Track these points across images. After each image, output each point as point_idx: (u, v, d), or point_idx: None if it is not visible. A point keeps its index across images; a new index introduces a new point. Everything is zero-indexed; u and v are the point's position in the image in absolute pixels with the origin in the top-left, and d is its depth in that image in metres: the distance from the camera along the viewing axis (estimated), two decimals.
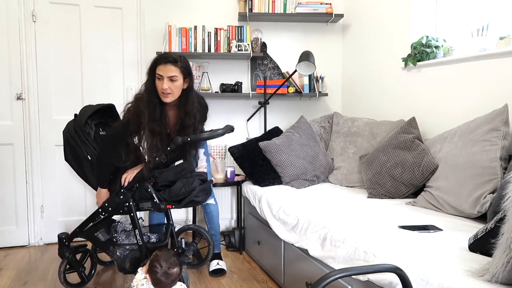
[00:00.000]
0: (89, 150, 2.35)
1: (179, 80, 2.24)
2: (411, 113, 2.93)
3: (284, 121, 3.89)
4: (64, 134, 2.42)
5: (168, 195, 2.29)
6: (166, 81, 2.21)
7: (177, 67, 2.22)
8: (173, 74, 2.21)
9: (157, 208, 2.27)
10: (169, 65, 2.21)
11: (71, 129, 2.39)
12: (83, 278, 2.58)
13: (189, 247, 2.54)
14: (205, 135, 2.28)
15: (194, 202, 2.30)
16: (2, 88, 3.32)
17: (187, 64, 2.30)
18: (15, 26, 3.31)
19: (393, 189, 2.55)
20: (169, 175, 2.35)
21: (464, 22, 2.68)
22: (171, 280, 1.93)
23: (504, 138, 2.04)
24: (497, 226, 1.36)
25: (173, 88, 2.23)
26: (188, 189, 2.28)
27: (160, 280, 1.91)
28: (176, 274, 1.94)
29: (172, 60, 2.22)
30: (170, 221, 2.59)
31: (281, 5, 3.65)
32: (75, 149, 2.37)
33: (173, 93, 2.25)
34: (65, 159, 2.44)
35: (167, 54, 2.28)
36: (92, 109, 2.44)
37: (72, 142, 2.37)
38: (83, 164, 2.38)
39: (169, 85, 2.21)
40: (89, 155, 2.34)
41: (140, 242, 2.30)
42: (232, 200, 3.78)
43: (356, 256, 1.75)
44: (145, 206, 2.32)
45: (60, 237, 2.50)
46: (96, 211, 2.39)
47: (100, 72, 3.54)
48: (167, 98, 2.25)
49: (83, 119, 2.37)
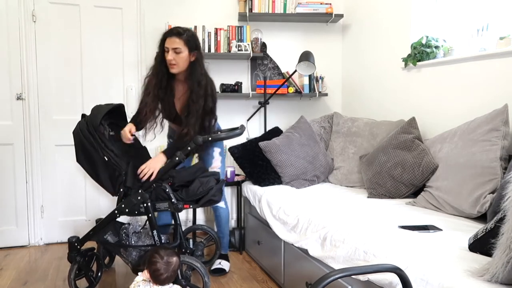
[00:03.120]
0: (106, 152, 2.26)
1: (184, 52, 2.38)
2: (411, 113, 2.93)
3: (284, 121, 3.88)
4: (77, 135, 2.30)
5: (186, 195, 2.29)
6: (171, 53, 2.36)
7: (181, 39, 2.36)
8: (177, 46, 2.35)
9: (174, 208, 2.27)
10: (174, 38, 2.36)
11: (85, 130, 2.26)
12: (92, 281, 2.52)
13: (197, 247, 2.55)
14: (223, 135, 2.32)
15: (212, 201, 2.33)
16: (2, 88, 3.32)
17: (194, 37, 2.42)
18: (15, 26, 3.31)
19: (393, 189, 2.55)
20: (186, 175, 2.36)
21: (464, 22, 2.68)
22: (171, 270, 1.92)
23: (504, 138, 2.04)
24: (497, 226, 1.36)
25: (178, 60, 2.37)
26: (206, 189, 2.30)
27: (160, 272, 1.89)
28: (175, 264, 1.94)
29: (176, 33, 2.37)
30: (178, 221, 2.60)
31: (281, 5, 3.65)
32: (90, 151, 2.27)
33: (178, 64, 2.39)
34: (77, 160, 2.33)
35: (174, 28, 2.42)
36: (106, 109, 2.35)
37: (87, 144, 2.26)
38: (98, 167, 2.29)
39: (174, 57, 2.36)
40: (106, 157, 2.25)
41: (158, 242, 2.30)
42: (232, 200, 3.78)
43: (356, 256, 1.75)
44: (162, 206, 2.30)
45: (71, 241, 2.39)
46: (112, 212, 2.33)
47: (100, 72, 3.54)
48: (173, 69, 2.40)
49: (98, 120, 2.27)
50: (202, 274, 2.23)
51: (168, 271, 1.92)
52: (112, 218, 2.36)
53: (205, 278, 2.23)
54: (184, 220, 3.74)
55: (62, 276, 2.82)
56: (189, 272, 2.29)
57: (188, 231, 2.90)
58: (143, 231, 2.50)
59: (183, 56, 2.38)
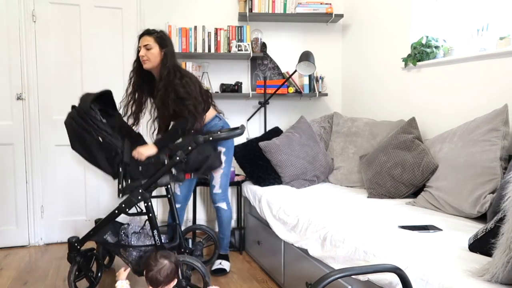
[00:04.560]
0: (99, 133, 2.27)
1: (154, 48, 2.54)
2: (411, 113, 2.93)
3: (284, 121, 3.88)
4: (68, 124, 2.31)
5: (186, 166, 2.33)
6: (142, 49, 2.55)
7: (151, 36, 2.55)
8: (147, 43, 2.53)
9: (176, 179, 2.34)
10: (145, 36, 2.56)
11: (76, 117, 2.28)
12: (92, 281, 2.52)
13: (196, 247, 2.55)
14: (224, 135, 2.36)
15: (212, 168, 2.40)
16: (2, 88, 3.32)
17: (164, 36, 2.61)
18: (15, 26, 3.31)
19: (393, 189, 2.55)
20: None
21: (464, 22, 2.68)
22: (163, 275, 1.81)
23: (504, 138, 2.04)
24: (497, 226, 1.36)
25: (149, 55, 2.53)
26: (204, 156, 2.35)
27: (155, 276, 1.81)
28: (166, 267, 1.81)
29: (146, 32, 2.58)
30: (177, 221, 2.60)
31: (281, 5, 3.65)
32: (83, 135, 2.28)
33: (149, 60, 2.55)
34: (72, 147, 2.34)
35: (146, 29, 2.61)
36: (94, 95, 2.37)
37: (79, 130, 2.28)
38: (94, 149, 2.30)
39: (145, 53, 2.53)
40: (100, 137, 2.27)
41: (158, 242, 2.29)
42: (232, 200, 3.78)
43: (356, 256, 1.75)
44: (164, 181, 2.32)
45: (71, 241, 2.39)
46: (112, 212, 2.34)
47: (100, 72, 3.54)
48: (145, 64, 2.57)
49: (87, 104, 2.29)
50: (203, 274, 2.23)
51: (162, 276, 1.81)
52: (112, 218, 2.36)
53: (206, 278, 2.23)
54: (184, 220, 3.74)
55: (62, 276, 2.82)
56: (189, 272, 2.29)
57: (187, 231, 2.90)
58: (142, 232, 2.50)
59: (154, 52, 2.53)
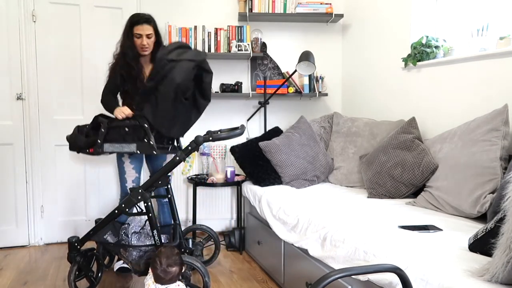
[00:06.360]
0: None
1: (154, 36, 2.71)
2: (411, 113, 2.93)
3: (284, 121, 3.88)
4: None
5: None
6: (145, 39, 2.66)
7: (151, 26, 2.68)
8: (150, 32, 2.67)
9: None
10: (146, 25, 2.66)
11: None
12: (92, 281, 2.52)
13: (196, 247, 2.55)
14: (224, 135, 2.35)
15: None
16: (2, 88, 3.32)
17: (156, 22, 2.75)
18: (15, 26, 3.31)
19: (393, 189, 2.55)
20: None
21: (464, 22, 2.68)
22: (169, 277, 1.95)
23: (504, 138, 2.04)
24: (497, 226, 1.36)
25: (150, 44, 2.71)
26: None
27: (159, 276, 1.94)
28: (174, 273, 1.96)
29: (145, 21, 2.66)
30: (177, 221, 2.59)
31: (281, 5, 3.65)
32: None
33: (150, 47, 2.72)
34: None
35: (141, 15, 2.70)
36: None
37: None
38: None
39: (147, 41, 2.68)
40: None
41: (158, 242, 2.30)
42: (232, 200, 3.78)
43: (356, 256, 1.75)
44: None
45: (70, 241, 2.40)
46: (112, 212, 2.35)
47: (100, 72, 3.52)
48: (145, 52, 2.71)
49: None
50: (203, 274, 2.23)
51: (167, 277, 1.95)
52: (112, 218, 2.36)
53: (206, 278, 2.23)
54: (184, 220, 3.74)
55: (62, 276, 2.82)
56: (189, 272, 2.29)
57: (187, 231, 2.91)
58: (142, 231, 2.50)
59: (153, 40, 2.71)
